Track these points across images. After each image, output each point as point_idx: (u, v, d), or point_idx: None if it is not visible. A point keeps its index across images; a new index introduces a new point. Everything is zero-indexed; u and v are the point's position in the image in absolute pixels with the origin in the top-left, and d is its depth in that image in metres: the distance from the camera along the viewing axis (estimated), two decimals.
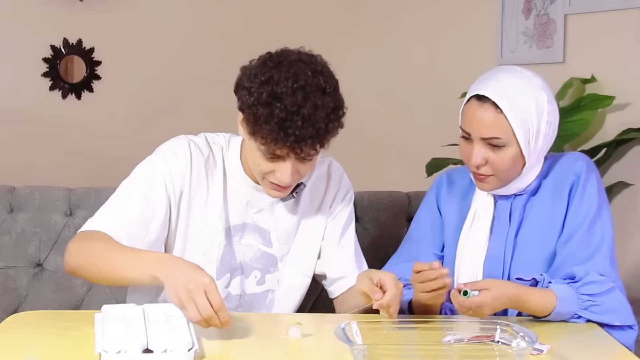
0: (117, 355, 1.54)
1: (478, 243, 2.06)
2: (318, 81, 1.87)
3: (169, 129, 2.14)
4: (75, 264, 1.90)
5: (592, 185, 2.03)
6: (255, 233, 2.07)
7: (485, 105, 1.96)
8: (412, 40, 4.22)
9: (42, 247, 2.53)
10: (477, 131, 1.97)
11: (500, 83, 1.97)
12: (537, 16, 3.60)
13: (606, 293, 1.92)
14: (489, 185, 2.03)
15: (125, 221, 1.93)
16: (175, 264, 1.78)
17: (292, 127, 1.82)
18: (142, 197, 1.96)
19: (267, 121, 1.84)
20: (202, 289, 1.67)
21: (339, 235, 2.13)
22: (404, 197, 2.67)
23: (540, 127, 1.96)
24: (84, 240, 1.92)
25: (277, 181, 1.93)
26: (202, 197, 2.03)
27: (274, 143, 1.85)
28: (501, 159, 1.97)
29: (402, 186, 2.77)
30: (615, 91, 3.21)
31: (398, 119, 4.23)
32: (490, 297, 1.82)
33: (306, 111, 1.83)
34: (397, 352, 1.65)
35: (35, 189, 2.59)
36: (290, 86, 1.84)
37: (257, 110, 1.85)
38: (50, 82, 4.20)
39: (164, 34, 4.31)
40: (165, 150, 2.04)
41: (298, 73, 1.86)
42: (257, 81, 1.88)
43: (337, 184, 2.15)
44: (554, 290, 1.90)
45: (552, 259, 2.01)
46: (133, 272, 1.81)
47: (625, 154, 3.23)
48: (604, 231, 2.00)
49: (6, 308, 2.48)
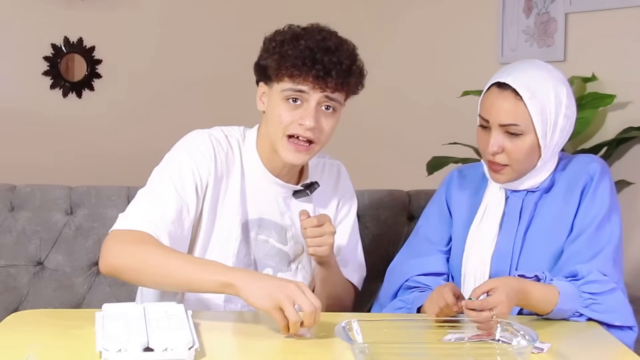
0: (118, 354, 1.54)
1: (487, 237, 2.06)
2: (338, 35, 2.00)
3: (169, 128, 2.15)
4: (121, 266, 1.85)
5: (604, 187, 2.04)
6: (271, 229, 2.07)
7: (506, 92, 1.97)
8: (413, 39, 4.22)
9: (42, 246, 2.53)
10: (495, 117, 1.98)
11: (522, 72, 1.99)
12: (538, 15, 3.60)
13: (607, 293, 1.92)
14: (503, 177, 2.04)
15: (166, 221, 1.91)
16: (252, 273, 1.83)
17: (319, 55, 1.90)
18: (176, 195, 1.94)
19: (293, 53, 1.91)
20: (300, 290, 1.70)
21: (345, 243, 2.16)
22: (405, 195, 2.67)
23: (558, 119, 1.99)
24: (129, 242, 1.86)
25: (301, 130, 1.94)
26: (223, 191, 2.03)
27: (302, 74, 1.90)
28: (518, 147, 1.98)
29: (403, 184, 2.77)
30: (616, 90, 3.21)
31: (399, 117, 4.23)
32: (504, 295, 1.79)
33: (332, 44, 1.93)
34: (397, 350, 1.65)
35: (36, 187, 2.59)
36: (316, 29, 1.98)
37: (283, 47, 1.93)
38: (51, 80, 4.20)
39: (165, 33, 4.31)
40: (188, 145, 2.02)
41: (320, 25, 2.01)
42: (279, 32, 1.99)
43: (343, 190, 2.19)
44: (556, 286, 1.91)
45: (559, 257, 2.02)
46: (203, 278, 1.78)
47: (626, 153, 3.23)
48: (612, 233, 2.01)
49: (7, 307, 2.48)
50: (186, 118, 4.11)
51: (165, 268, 1.81)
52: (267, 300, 1.69)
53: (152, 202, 1.93)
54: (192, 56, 4.32)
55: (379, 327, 1.77)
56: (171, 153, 2.02)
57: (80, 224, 2.55)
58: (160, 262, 1.82)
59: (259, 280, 1.74)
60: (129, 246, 1.85)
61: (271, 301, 1.68)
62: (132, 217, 1.91)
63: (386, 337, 1.76)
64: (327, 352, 1.73)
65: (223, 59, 4.31)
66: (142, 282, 1.91)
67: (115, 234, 1.90)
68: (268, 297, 1.69)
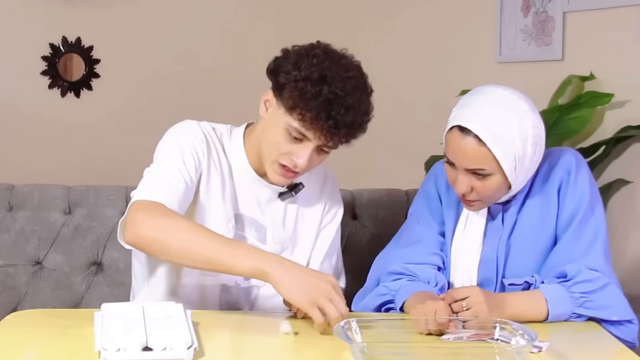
0: (117, 353, 1.54)
1: (471, 247, 2.04)
2: (364, 80, 1.95)
3: (168, 127, 2.14)
4: (151, 237, 1.81)
5: (583, 179, 2.01)
6: (251, 227, 2.07)
7: (468, 138, 1.92)
8: (411, 38, 4.22)
9: (41, 245, 2.53)
10: (461, 162, 1.94)
11: (482, 113, 1.92)
12: (535, 14, 3.60)
13: (599, 290, 1.91)
14: (475, 208, 2.03)
15: (178, 197, 1.89)
16: (285, 262, 1.77)
17: (335, 111, 1.86)
18: (180, 172, 1.93)
19: (313, 98, 1.86)
20: (336, 291, 1.71)
21: (326, 251, 2.15)
22: (403, 194, 2.67)
23: (526, 151, 1.92)
24: (157, 214, 1.83)
25: (292, 164, 1.93)
26: (218, 178, 2.03)
27: (312, 122, 1.87)
28: (487, 186, 1.95)
29: (401, 184, 2.77)
30: (614, 89, 3.21)
31: (397, 117, 4.23)
32: (477, 289, 1.84)
33: (351, 101, 1.88)
34: (396, 349, 1.65)
35: (35, 187, 2.59)
36: (342, 75, 1.89)
37: (305, 86, 1.87)
38: (49, 80, 4.20)
39: (163, 32, 4.31)
40: (180, 129, 2.03)
41: (347, 65, 1.93)
42: (308, 61, 1.90)
43: (330, 195, 2.17)
44: (541, 292, 1.91)
45: (546, 259, 2.00)
46: (234, 261, 1.76)
47: (624, 152, 3.23)
48: (597, 226, 1.99)
49: (5, 306, 2.48)
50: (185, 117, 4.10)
51: (193, 244, 1.79)
52: (306, 297, 1.70)
53: (162, 181, 1.91)
54: (191, 55, 4.32)
55: (377, 326, 1.77)
56: (167, 137, 2.02)
57: (78, 224, 2.54)
58: (189, 237, 1.80)
59: (295, 273, 1.73)
60: (158, 218, 1.82)
61: (309, 298, 1.70)
62: (148, 190, 1.89)
63: (385, 336, 1.76)
64: (326, 351, 1.73)
65: (222, 58, 4.31)
66: (168, 255, 1.84)
67: (139, 204, 1.86)
68: (306, 294, 1.70)
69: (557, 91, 3.29)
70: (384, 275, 2.07)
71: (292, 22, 4.25)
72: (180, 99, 4.29)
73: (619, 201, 3.18)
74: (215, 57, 4.30)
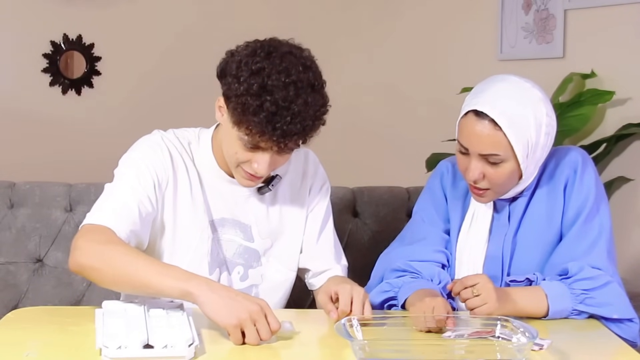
0: (118, 351, 1.54)
1: (477, 244, 2.05)
2: (308, 77, 1.86)
3: (168, 125, 2.14)
4: (89, 265, 1.81)
5: (589, 177, 2.02)
6: (235, 228, 2.06)
7: (484, 122, 1.92)
8: (412, 35, 4.22)
9: (42, 243, 2.53)
10: (475, 147, 1.94)
11: (498, 98, 1.93)
12: (537, 11, 3.60)
13: (600, 288, 1.91)
14: (486, 199, 2.02)
15: (130, 221, 1.90)
16: (213, 283, 1.75)
17: (281, 122, 1.81)
18: (134, 194, 1.93)
19: (255, 113, 1.81)
20: (263, 313, 1.68)
21: (319, 230, 2.14)
22: (404, 192, 2.67)
23: (539, 140, 1.94)
24: (97, 241, 1.84)
25: (253, 171, 1.92)
26: (186, 191, 2.01)
27: (259, 135, 1.83)
28: (499, 173, 1.95)
29: (402, 181, 2.77)
30: (615, 86, 3.21)
31: (398, 114, 4.23)
32: (486, 277, 1.83)
33: (296, 108, 1.81)
34: (397, 347, 1.65)
35: (36, 184, 2.59)
36: (283, 80, 1.82)
37: (247, 101, 1.82)
38: (50, 77, 4.20)
39: (164, 30, 4.31)
40: (141, 146, 2.03)
41: (289, 67, 1.84)
42: (247, 70, 1.85)
43: (313, 175, 2.14)
44: (542, 288, 1.91)
45: (550, 256, 2.01)
46: (162, 283, 1.74)
47: (625, 149, 3.23)
48: (602, 224, 1.99)
49: (7, 304, 2.48)
50: (185, 114, 4.10)
51: (126, 269, 1.78)
52: (231, 317, 1.66)
53: (113, 202, 1.92)
54: (192, 53, 4.32)
55: (379, 324, 1.77)
56: (126, 155, 2.03)
57: (79, 221, 2.50)
58: (123, 263, 1.79)
59: (221, 294, 1.70)
60: (96, 245, 1.83)
61: (234, 319, 1.66)
62: (99, 213, 1.91)
63: (386, 334, 1.76)
64: (326, 349, 1.73)
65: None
66: (104, 282, 1.84)
67: (86, 229, 1.89)
68: (232, 315, 1.66)
69: (558, 89, 3.29)
70: (387, 272, 2.07)
71: (293, 21, 4.24)
72: (181, 96, 4.29)
73: (620, 199, 3.18)
74: (215, 56, 4.28)
